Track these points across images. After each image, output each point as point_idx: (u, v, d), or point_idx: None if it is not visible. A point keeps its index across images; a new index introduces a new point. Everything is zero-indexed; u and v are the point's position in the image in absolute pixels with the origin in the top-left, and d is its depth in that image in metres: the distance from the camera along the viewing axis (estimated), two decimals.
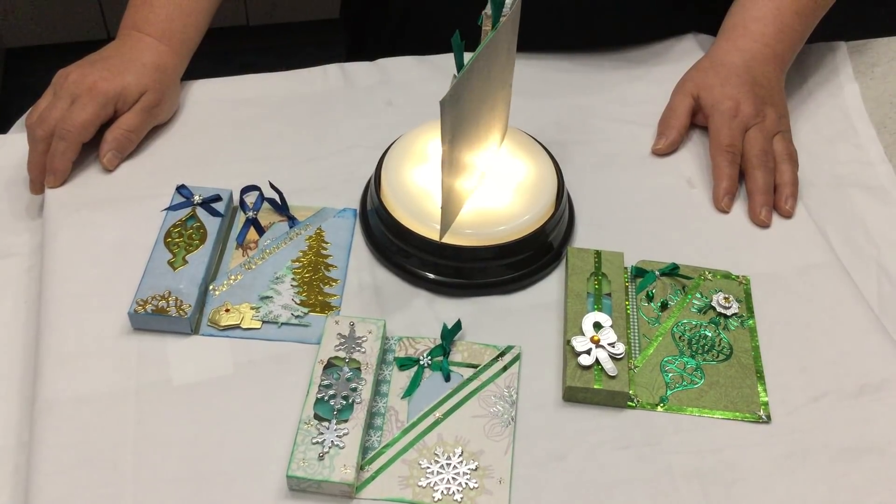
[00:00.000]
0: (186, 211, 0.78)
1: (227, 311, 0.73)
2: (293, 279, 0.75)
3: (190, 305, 0.71)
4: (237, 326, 0.72)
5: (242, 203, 0.80)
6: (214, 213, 0.78)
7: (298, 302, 0.74)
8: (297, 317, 0.73)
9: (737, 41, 0.89)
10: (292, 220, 0.80)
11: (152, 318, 0.70)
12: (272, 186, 0.81)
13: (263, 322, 0.72)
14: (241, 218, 0.80)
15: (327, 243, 0.78)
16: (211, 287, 0.74)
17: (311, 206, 0.81)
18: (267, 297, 0.74)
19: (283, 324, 0.72)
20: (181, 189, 0.79)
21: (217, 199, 0.79)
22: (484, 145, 0.75)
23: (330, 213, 0.81)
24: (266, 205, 0.81)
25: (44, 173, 0.82)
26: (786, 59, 0.91)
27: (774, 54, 0.89)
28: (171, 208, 0.78)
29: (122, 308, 0.72)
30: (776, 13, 0.89)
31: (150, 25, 0.88)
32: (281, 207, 0.80)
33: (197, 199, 0.79)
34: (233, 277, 0.75)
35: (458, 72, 0.64)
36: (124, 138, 0.84)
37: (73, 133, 0.81)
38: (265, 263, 0.76)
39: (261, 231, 0.79)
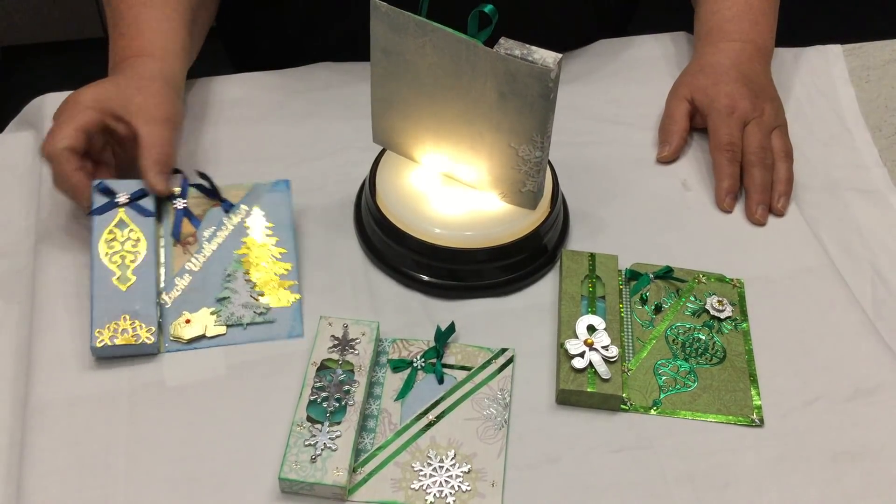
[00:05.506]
0: (114, 215, 0.72)
1: (188, 322, 0.70)
2: (245, 274, 0.72)
3: (153, 328, 0.68)
4: (202, 336, 0.70)
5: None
6: (144, 212, 0.72)
7: (257, 298, 0.71)
8: (260, 314, 0.71)
9: (718, 45, 0.90)
10: (226, 204, 0.75)
11: (118, 348, 0.68)
12: (199, 173, 0.76)
13: (227, 326, 0.70)
14: (170, 209, 0.74)
15: (269, 225, 0.75)
16: (163, 296, 0.71)
17: (242, 185, 0.77)
18: (224, 299, 0.71)
19: (248, 324, 0.71)
20: (99, 186, 0.70)
21: (143, 194, 0.73)
22: (448, 139, 0.74)
23: (264, 189, 0.76)
24: (194, 191, 0.75)
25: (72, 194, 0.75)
26: (768, 49, 0.91)
27: (757, 48, 0.89)
28: (96, 211, 0.71)
29: None
30: (746, 9, 0.90)
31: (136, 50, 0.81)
32: (210, 192, 0.75)
33: (123, 198, 0.72)
34: (182, 281, 0.72)
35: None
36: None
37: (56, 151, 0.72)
38: (210, 260, 0.73)
39: (196, 222, 0.74)
